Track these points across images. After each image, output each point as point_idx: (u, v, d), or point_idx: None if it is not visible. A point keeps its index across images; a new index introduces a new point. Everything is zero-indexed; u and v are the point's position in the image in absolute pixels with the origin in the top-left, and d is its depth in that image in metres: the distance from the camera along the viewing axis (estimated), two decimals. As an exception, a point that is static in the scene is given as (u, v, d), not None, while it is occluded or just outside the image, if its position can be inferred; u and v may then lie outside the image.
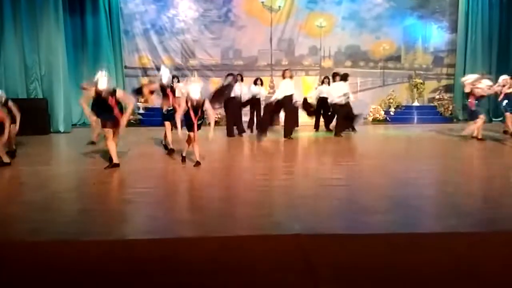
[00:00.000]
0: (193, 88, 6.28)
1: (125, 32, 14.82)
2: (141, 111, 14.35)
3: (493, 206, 4.34)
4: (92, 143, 8.52)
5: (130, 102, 6.37)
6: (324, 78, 11.71)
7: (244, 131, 10.74)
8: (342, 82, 10.42)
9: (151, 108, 14.30)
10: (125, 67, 14.87)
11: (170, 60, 14.91)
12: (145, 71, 15.01)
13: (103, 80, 6.10)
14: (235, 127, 10.54)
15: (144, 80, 12.95)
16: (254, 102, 11.04)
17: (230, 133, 10.37)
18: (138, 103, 14.48)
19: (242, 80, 11.19)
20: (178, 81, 10.11)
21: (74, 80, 13.08)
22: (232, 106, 10.40)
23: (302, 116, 11.69)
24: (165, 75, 7.47)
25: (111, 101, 6.11)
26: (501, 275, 2.67)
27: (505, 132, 9.44)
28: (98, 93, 6.12)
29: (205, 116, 6.81)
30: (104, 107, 6.17)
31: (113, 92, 6.18)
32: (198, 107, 6.28)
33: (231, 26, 14.98)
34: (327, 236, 3.44)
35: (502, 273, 2.71)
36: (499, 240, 3.35)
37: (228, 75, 10.54)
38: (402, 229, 3.62)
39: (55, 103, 12.03)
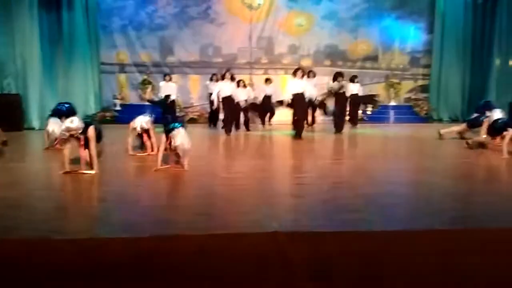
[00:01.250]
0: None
1: (103, 27, 14.60)
2: (118, 108, 14.17)
3: (465, 204, 4.44)
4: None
5: (93, 147, 5.80)
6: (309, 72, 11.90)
7: (239, 128, 11.01)
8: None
9: (127, 105, 14.15)
10: (102, 63, 14.66)
11: (148, 56, 14.76)
12: (122, 67, 14.84)
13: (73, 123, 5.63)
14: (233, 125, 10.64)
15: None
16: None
17: (228, 131, 10.33)
18: (114, 100, 14.32)
19: (245, 86, 11.52)
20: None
21: (49, 75, 12.82)
22: (230, 104, 10.39)
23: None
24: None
25: (81, 139, 5.72)
26: (472, 270, 2.74)
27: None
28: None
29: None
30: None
31: (84, 130, 5.70)
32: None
33: (211, 23, 14.93)
34: (304, 233, 3.46)
35: (473, 268, 2.78)
36: (470, 237, 3.43)
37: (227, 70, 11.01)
38: (378, 226, 3.67)
39: (30, 99, 11.78)
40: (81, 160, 5.89)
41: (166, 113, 7.73)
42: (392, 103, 15.11)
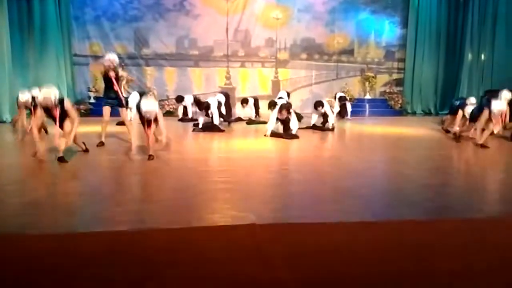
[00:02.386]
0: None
1: (75, 18, 14.27)
2: (92, 100, 13.89)
3: (439, 195, 4.54)
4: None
5: (75, 118, 6.04)
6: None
7: (232, 121, 11.04)
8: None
9: (102, 98, 13.87)
10: (75, 54, 14.35)
11: (123, 48, 14.50)
12: (96, 59, 14.53)
13: (47, 93, 5.81)
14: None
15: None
16: None
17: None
18: (89, 93, 14.03)
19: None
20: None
21: (19, 67, 12.47)
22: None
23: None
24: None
25: (55, 112, 5.86)
26: (446, 261, 2.81)
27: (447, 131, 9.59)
28: (42, 106, 5.88)
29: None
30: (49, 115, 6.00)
31: (60, 103, 5.90)
32: None
33: (186, 15, 14.76)
34: (282, 225, 3.48)
35: (447, 258, 2.85)
36: (444, 227, 3.51)
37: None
38: (353, 217, 3.72)
39: (0, 91, 11.43)
40: (56, 135, 5.95)
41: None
42: (368, 96, 15.30)
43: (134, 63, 14.64)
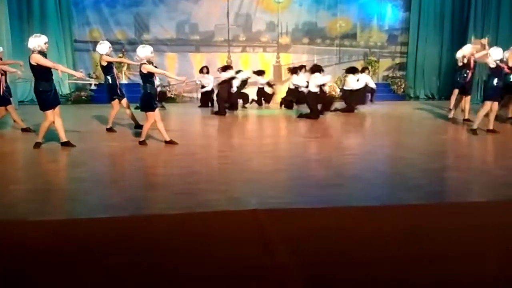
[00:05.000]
0: None
1: (75, 4, 14.12)
2: (93, 87, 13.83)
3: (440, 180, 4.54)
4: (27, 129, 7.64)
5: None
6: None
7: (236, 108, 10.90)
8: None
9: (103, 84, 13.81)
10: (75, 40, 14.23)
11: (123, 34, 14.38)
12: (96, 45, 14.39)
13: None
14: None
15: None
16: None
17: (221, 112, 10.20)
18: (90, 79, 13.95)
19: (208, 72, 12.17)
20: None
21: (19, 55, 12.33)
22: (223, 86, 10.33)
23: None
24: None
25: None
26: (446, 243, 2.81)
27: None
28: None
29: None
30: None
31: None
32: None
33: (187, 0, 14.60)
34: (283, 210, 3.48)
35: (446, 241, 2.85)
36: (444, 211, 3.52)
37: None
38: (355, 202, 3.72)
39: (0, 79, 11.36)
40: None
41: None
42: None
43: (134, 49, 14.38)
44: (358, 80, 10.76)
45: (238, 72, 11.03)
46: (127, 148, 6.26)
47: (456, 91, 9.01)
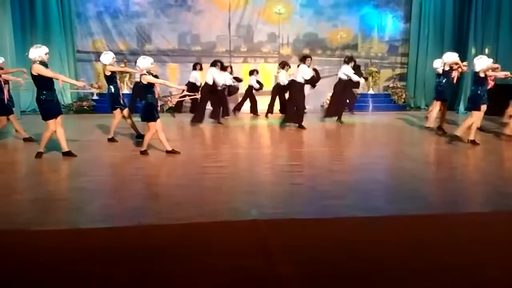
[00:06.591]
0: None
1: (78, 14, 14.25)
2: (95, 97, 13.90)
3: (442, 190, 4.54)
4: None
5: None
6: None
7: (229, 114, 11.14)
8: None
9: (105, 94, 13.87)
10: (78, 51, 14.33)
11: (125, 44, 14.48)
12: (98, 55, 14.49)
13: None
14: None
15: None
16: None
17: (216, 117, 10.28)
18: (92, 89, 13.99)
19: (201, 68, 12.03)
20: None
21: (22, 65, 12.40)
22: (215, 92, 10.30)
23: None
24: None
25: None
26: (448, 255, 2.81)
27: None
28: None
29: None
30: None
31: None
32: None
33: (188, 11, 14.71)
34: (284, 221, 3.48)
35: (449, 252, 2.84)
36: (446, 221, 3.51)
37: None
38: (356, 213, 3.72)
39: (2, 89, 11.41)
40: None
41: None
42: (371, 91, 15.23)
43: (136, 60, 14.59)
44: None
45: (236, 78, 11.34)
46: (128, 158, 6.28)
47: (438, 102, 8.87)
